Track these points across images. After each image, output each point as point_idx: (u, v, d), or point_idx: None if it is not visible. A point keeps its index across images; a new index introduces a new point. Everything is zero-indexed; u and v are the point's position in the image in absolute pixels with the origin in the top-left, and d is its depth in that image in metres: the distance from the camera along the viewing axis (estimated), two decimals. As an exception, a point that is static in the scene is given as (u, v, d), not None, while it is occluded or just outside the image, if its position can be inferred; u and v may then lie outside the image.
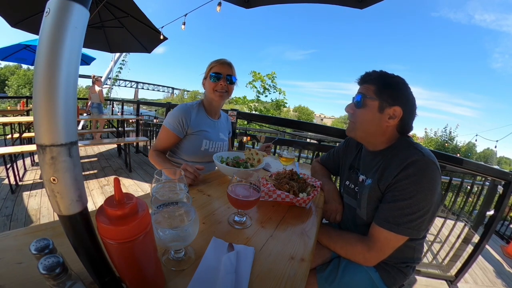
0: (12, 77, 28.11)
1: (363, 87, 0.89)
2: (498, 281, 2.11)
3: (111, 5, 3.02)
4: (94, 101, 5.33)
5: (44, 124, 0.29)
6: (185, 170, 0.96)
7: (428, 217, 0.75)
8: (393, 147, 0.87)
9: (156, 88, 47.90)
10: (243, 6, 2.01)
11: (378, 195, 0.83)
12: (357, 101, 0.88)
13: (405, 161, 0.76)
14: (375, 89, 0.84)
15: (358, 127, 0.89)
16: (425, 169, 0.73)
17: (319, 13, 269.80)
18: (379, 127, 0.86)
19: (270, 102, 11.19)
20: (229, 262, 0.54)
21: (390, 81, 0.85)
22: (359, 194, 0.93)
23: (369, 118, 0.85)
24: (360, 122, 0.88)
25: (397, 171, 0.77)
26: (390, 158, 0.83)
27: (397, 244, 0.77)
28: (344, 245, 0.85)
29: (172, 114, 1.25)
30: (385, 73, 0.87)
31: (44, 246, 0.36)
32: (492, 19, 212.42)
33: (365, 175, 0.93)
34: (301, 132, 5.45)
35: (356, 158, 1.06)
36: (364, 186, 0.90)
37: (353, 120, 0.91)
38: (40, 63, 0.28)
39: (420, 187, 0.72)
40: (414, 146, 0.81)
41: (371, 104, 0.84)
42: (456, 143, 18.94)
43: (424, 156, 0.75)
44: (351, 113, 0.91)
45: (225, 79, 1.27)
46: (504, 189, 1.66)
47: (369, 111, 0.85)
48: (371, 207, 0.85)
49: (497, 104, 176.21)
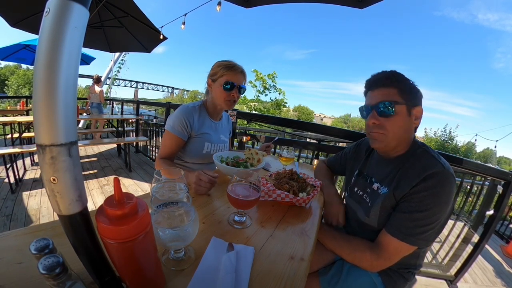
0: (12, 77, 28.07)
1: (382, 92, 0.80)
2: (498, 280, 2.11)
3: (111, 5, 3.01)
4: (94, 101, 5.32)
5: (44, 124, 0.29)
6: (199, 179, 0.88)
7: (438, 228, 0.73)
8: (410, 153, 0.82)
9: (156, 87, 47.85)
10: (243, 6, 2.01)
11: (392, 203, 0.79)
12: (385, 109, 0.78)
13: (424, 171, 0.72)
14: (398, 91, 0.78)
15: (391, 137, 0.80)
16: (444, 182, 0.70)
17: (320, 13, 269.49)
18: (409, 131, 0.81)
19: (270, 102, 11.19)
20: (229, 261, 0.54)
21: (405, 80, 0.80)
22: (370, 202, 0.88)
23: (402, 125, 0.79)
24: (393, 132, 0.79)
25: (415, 181, 0.73)
26: (407, 166, 0.79)
27: (406, 253, 0.75)
28: (352, 251, 0.82)
29: (174, 117, 1.20)
30: (397, 72, 0.81)
31: (44, 246, 0.36)
32: (496, 19, 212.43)
33: (380, 183, 0.88)
34: (301, 131, 5.45)
35: (366, 163, 1.01)
36: (379, 194, 0.85)
37: (382, 132, 0.80)
38: (40, 63, 0.28)
39: (438, 200, 0.70)
40: (432, 155, 0.78)
41: (401, 109, 0.77)
42: (456, 143, 18.96)
43: (444, 169, 0.72)
44: (377, 124, 0.81)
45: (237, 90, 1.22)
46: (504, 189, 1.66)
47: (401, 117, 0.78)
48: (383, 215, 0.82)
49: (498, 104, 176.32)
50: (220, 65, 1.21)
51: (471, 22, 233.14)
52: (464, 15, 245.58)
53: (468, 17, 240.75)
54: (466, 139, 25.05)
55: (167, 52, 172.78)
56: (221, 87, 1.19)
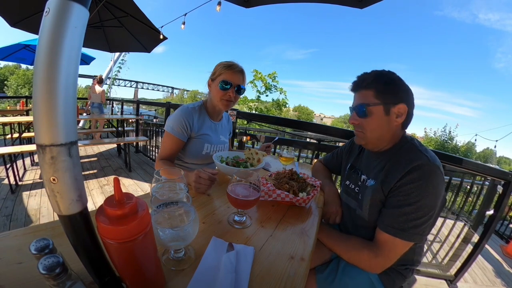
0: (12, 77, 28.05)
1: (360, 94, 0.85)
2: (498, 280, 2.11)
3: (111, 5, 3.01)
4: (95, 101, 5.32)
5: (44, 124, 0.29)
6: (199, 177, 0.88)
7: (431, 222, 0.74)
8: (397, 147, 0.85)
9: (156, 87, 47.85)
10: (243, 6, 2.02)
11: (381, 197, 0.82)
12: (360, 111, 0.84)
13: (409, 164, 0.74)
14: (375, 93, 0.81)
15: (369, 135, 0.86)
16: (430, 175, 0.72)
17: (321, 12, 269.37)
18: (388, 129, 0.84)
19: (270, 102, 11.18)
20: (229, 261, 0.54)
21: (387, 80, 0.82)
22: (360, 194, 0.92)
23: (378, 125, 0.83)
24: (369, 131, 0.85)
25: (401, 174, 0.75)
26: (394, 160, 0.81)
27: (403, 250, 0.75)
28: (349, 249, 0.83)
29: (173, 118, 1.18)
30: (380, 72, 0.84)
31: (44, 246, 0.36)
32: (497, 19, 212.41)
33: (367, 175, 0.92)
34: (301, 131, 5.44)
35: (358, 158, 1.05)
36: (367, 186, 0.89)
37: (360, 130, 0.88)
38: (40, 62, 0.28)
39: (425, 193, 0.71)
40: (419, 149, 0.80)
41: (376, 110, 0.81)
42: (456, 143, 18.97)
43: (429, 161, 0.73)
44: (356, 124, 0.88)
45: (234, 89, 1.19)
46: (504, 189, 1.66)
47: (376, 118, 0.82)
48: (374, 209, 0.84)
49: (498, 104, 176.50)
50: (220, 65, 1.21)
51: (472, 22, 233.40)
52: (465, 15, 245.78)
53: (469, 17, 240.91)
54: (466, 139, 25.09)
55: (167, 52, 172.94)
56: (218, 86, 1.18)
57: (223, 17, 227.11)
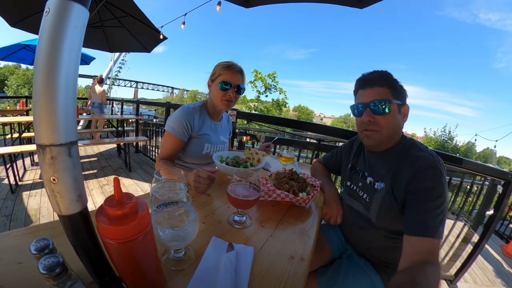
0: (12, 77, 28.05)
1: (376, 91, 0.83)
2: (498, 280, 2.11)
3: (111, 5, 3.01)
4: (95, 101, 5.31)
5: (44, 124, 0.29)
6: (198, 177, 0.87)
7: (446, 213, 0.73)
8: (399, 146, 0.86)
9: (156, 87, 47.79)
10: (243, 6, 2.02)
11: (392, 199, 0.80)
12: (378, 108, 0.82)
13: (418, 161, 0.75)
14: (390, 91, 0.82)
15: (385, 134, 0.84)
16: (440, 168, 0.73)
17: (321, 12, 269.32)
18: (399, 128, 0.86)
19: (270, 102, 11.19)
20: (229, 261, 0.54)
21: (395, 80, 0.85)
22: (368, 197, 0.90)
23: (394, 122, 0.83)
24: (386, 128, 0.83)
25: (413, 173, 0.75)
26: (400, 159, 0.82)
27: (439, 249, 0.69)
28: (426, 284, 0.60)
29: (174, 118, 1.18)
30: (388, 72, 0.86)
31: (44, 246, 0.36)
32: (497, 19, 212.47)
33: (373, 177, 0.90)
34: (301, 131, 5.44)
35: (358, 158, 1.04)
36: (376, 190, 0.87)
37: (375, 129, 0.84)
38: (40, 62, 0.28)
39: (442, 186, 0.72)
40: (420, 147, 0.82)
41: (393, 107, 0.82)
42: (456, 142, 18.95)
43: (434, 157, 0.75)
44: (371, 121, 0.84)
45: (234, 89, 1.20)
46: (504, 189, 1.66)
47: (393, 115, 0.82)
48: (383, 211, 0.83)
49: (498, 103, 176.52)
50: (219, 65, 1.21)
51: (472, 21, 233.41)
52: (466, 15, 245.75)
53: (469, 17, 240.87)
54: (466, 139, 25.11)
55: (167, 52, 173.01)
56: (218, 87, 1.19)
57: (223, 17, 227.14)
